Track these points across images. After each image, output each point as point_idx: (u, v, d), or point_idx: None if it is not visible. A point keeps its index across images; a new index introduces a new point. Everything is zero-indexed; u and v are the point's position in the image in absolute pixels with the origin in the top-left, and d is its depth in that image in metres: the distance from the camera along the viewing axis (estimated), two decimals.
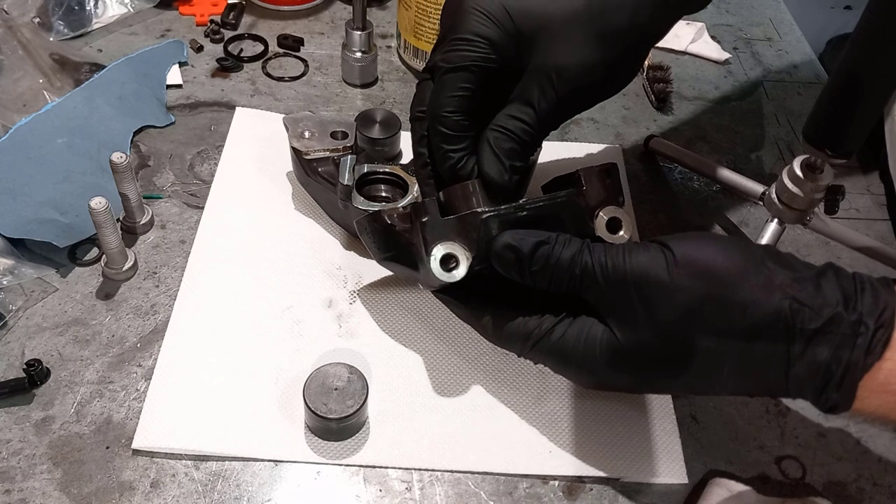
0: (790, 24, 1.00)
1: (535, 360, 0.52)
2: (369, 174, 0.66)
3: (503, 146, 0.53)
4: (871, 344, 0.42)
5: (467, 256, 0.51)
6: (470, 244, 0.51)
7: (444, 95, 0.54)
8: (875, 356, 0.42)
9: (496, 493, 0.55)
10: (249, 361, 0.59)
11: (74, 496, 0.52)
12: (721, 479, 0.55)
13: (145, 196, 0.69)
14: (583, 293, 0.49)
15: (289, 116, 0.68)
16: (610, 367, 0.48)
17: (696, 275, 0.45)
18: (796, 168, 0.62)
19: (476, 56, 0.53)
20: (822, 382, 0.43)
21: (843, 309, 0.43)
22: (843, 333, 0.42)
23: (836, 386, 0.43)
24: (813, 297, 0.43)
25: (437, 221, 0.52)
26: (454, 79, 0.53)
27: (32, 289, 0.62)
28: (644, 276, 0.46)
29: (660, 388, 0.53)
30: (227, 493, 0.53)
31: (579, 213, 0.52)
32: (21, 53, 0.77)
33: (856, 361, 0.42)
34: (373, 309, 0.64)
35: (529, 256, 0.49)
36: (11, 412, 0.56)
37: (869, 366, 0.42)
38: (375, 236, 0.56)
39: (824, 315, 0.43)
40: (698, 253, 0.46)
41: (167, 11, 0.89)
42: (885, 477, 0.58)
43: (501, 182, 0.53)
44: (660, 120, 0.84)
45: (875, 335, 0.42)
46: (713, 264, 0.45)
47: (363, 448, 0.56)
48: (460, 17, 0.54)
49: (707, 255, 0.45)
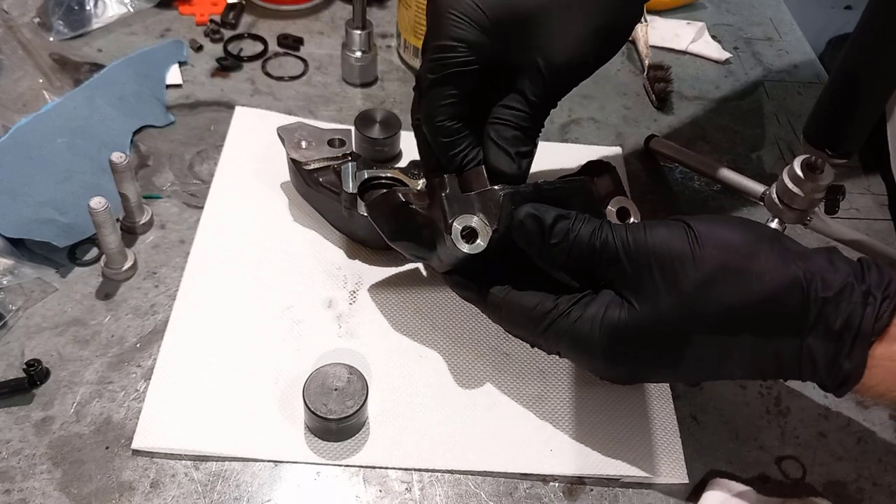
0: (790, 23, 1.00)
1: (546, 345, 0.52)
2: (370, 179, 0.66)
3: (506, 136, 0.54)
4: (880, 311, 0.44)
5: (487, 231, 0.51)
6: (490, 218, 0.51)
7: (434, 106, 0.54)
8: (883, 322, 0.44)
9: (496, 494, 0.55)
10: (249, 361, 0.59)
11: (74, 496, 0.52)
12: (721, 479, 0.55)
13: (145, 196, 0.69)
14: (601, 270, 0.49)
15: (283, 126, 0.68)
16: (626, 346, 0.49)
17: (715, 247, 0.47)
18: (796, 168, 0.62)
19: (457, 62, 0.53)
20: (834, 352, 0.45)
21: (853, 280, 0.45)
22: (854, 302, 0.45)
23: (847, 355, 0.45)
24: (825, 269, 0.46)
25: (458, 195, 0.52)
26: (440, 89, 0.54)
27: (32, 289, 0.62)
28: (665, 247, 0.47)
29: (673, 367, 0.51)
30: (226, 493, 0.53)
31: (592, 198, 0.54)
32: (21, 53, 0.77)
33: (866, 328, 0.44)
34: (373, 309, 0.64)
35: (550, 227, 0.49)
36: (11, 412, 0.56)
37: (879, 330, 0.44)
38: (388, 216, 0.56)
39: (836, 285, 0.45)
40: (716, 228, 0.48)
41: (167, 11, 0.89)
42: (885, 477, 0.58)
43: (511, 171, 0.54)
44: (660, 120, 0.84)
45: (882, 304, 0.45)
46: (731, 238, 0.47)
47: (363, 448, 0.56)
48: (437, 21, 0.54)
49: (725, 230, 0.48)
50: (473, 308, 0.64)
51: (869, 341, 0.45)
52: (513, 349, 0.62)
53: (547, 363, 0.61)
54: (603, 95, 0.86)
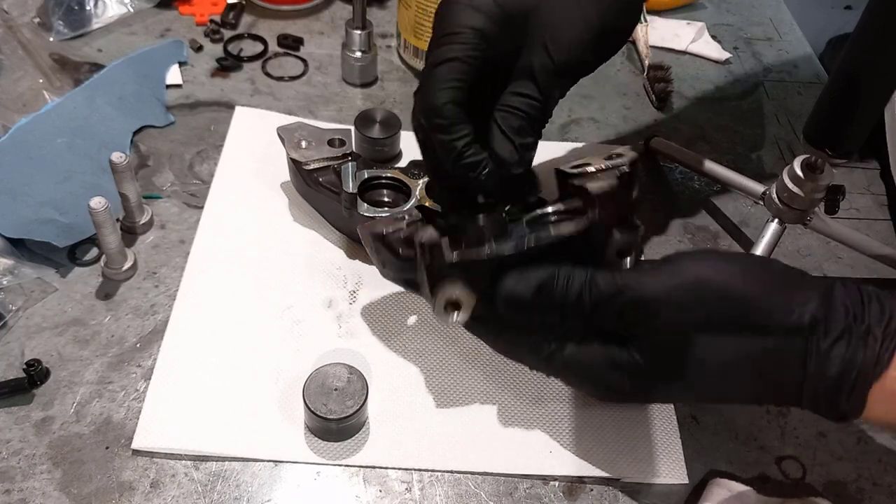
0: (790, 23, 1.00)
1: (548, 374, 0.53)
2: (370, 179, 0.66)
3: (512, 124, 0.53)
4: (880, 355, 0.44)
5: (470, 303, 0.51)
6: (475, 287, 0.51)
7: (436, 89, 0.53)
8: (882, 365, 0.44)
9: (496, 494, 0.55)
10: (249, 361, 0.59)
11: (74, 496, 0.52)
12: (721, 479, 0.55)
13: (145, 196, 0.69)
14: (595, 320, 0.49)
15: (282, 126, 0.68)
16: (627, 383, 0.49)
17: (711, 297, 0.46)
18: (796, 168, 0.62)
19: (464, 46, 0.52)
20: (833, 392, 0.45)
21: (852, 321, 0.44)
22: (853, 346, 0.44)
23: (847, 396, 0.44)
24: (826, 312, 0.45)
25: (443, 266, 0.51)
26: (444, 70, 0.53)
27: (32, 289, 0.62)
28: (655, 296, 0.46)
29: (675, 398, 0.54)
30: (226, 493, 0.53)
31: (589, 239, 0.52)
32: (21, 53, 0.77)
33: (865, 372, 0.44)
34: (373, 309, 0.64)
35: (533, 300, 0.49)
36: (11, 412, 0.56)
37: (878, 375, 0.44)
38: (379, 254, 0.55)
39: (834, 331, 0.44)
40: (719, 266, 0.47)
41: (167, 11, 0.89)
42: (885, 477, 0.58)
43: (513, 161, 0.52)
44: (660, 119, 0.84)
45: (882, 345, 0.44)
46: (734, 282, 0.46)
47: (363, 448, 0.56)
48: (448, 12, 0.54)
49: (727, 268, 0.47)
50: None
51: (868, 384, 0.44)
52: None
53: None
54: (603, 95, 0.86)
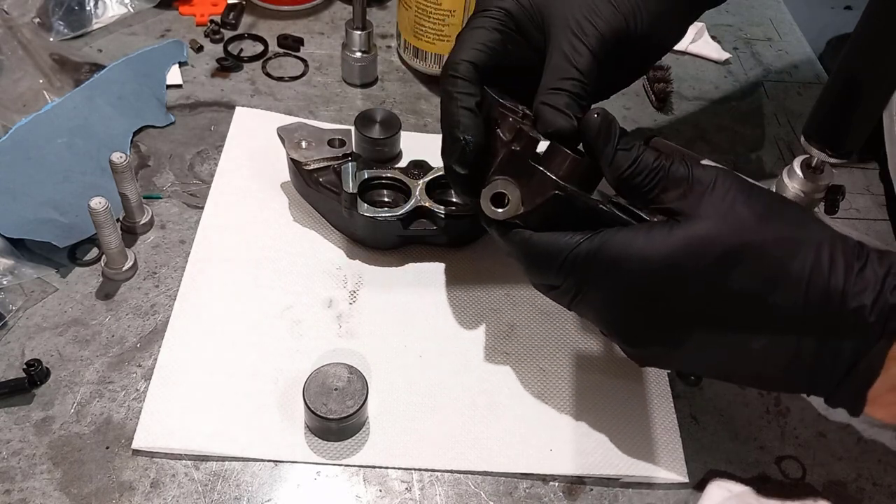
0: (790, 24, 1.00)
1: (574, 282, 0.49)
2: (370, 179, 0.66)
3: (560, 102, 0.53)
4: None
5: (517, 206, 0.51)
6: (527, 198, 0.50)
7: (459, 49, 0.55)
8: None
9: (496, 493, 0.55)
10: (249, 361, 0.59)
11: (74, 496, 0.52)
12: (721, 479, 0.55)
13: (145, 196, 0.69)
14: (657, 193, 0.48)
15: (282, 126, 0.68)
16: (665, 267, 0.46)
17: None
18: (796, 168, 0.62)
19: (492, 20, 0.56)
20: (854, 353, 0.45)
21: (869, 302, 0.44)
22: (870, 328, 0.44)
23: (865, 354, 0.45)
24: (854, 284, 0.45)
25: (521, 160, 0.51)
26: (469, 35, 0.56)
27: (32, 289, 0.62)
28: (737, 180, 0.48)
29: (689, 331, 0.48)
30: (227, 493, 0.53)
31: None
32: (21, 53, 0.77)
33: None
34: (373, 309, 0.64)
35: (620, 136, 0.49)
36: (11, 412, 0.56)
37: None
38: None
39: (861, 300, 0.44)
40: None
41: (167, 11, 0.89)
42: (885, 477, 0.58)
43: (570, 127, 0.52)
44: (660, 120, 0.84)
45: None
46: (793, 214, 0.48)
47: (363, 448, 0.56)
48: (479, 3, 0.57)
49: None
50: (474, 308, 0.64)
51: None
52: (513, 349, 0.62)
53: (547, 362, 0.61)
54: None
